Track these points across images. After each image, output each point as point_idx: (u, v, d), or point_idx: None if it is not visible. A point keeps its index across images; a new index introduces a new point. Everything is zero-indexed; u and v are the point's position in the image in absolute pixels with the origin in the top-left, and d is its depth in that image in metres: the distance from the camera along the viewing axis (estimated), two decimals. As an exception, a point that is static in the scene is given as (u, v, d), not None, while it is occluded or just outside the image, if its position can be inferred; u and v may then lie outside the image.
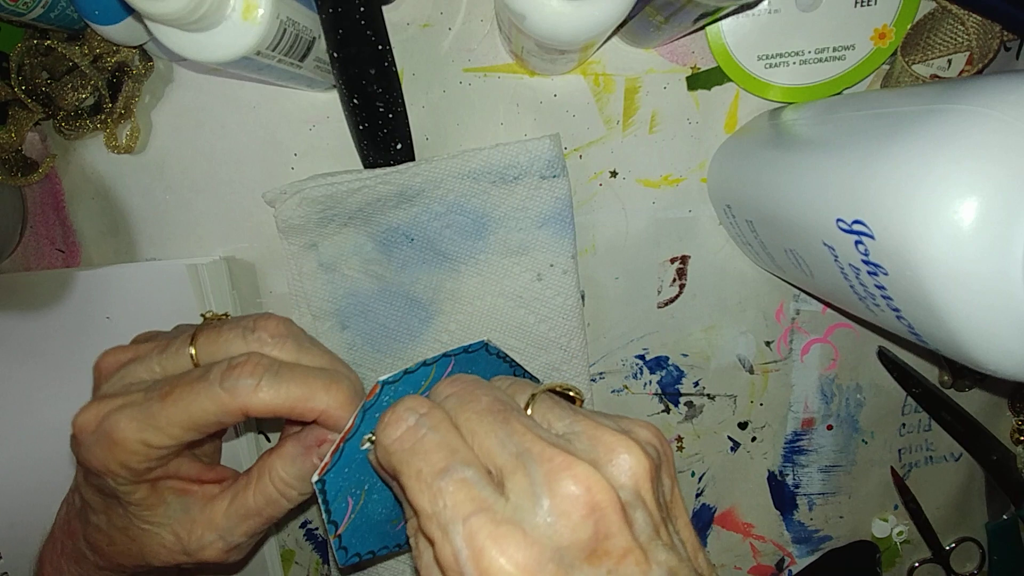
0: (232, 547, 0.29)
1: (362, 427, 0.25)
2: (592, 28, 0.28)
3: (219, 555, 0.29)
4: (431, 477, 0.20)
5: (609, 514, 0.19)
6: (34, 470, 0.43)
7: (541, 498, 0.19)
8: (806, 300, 0.43)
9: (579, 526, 0.19)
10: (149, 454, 0.26)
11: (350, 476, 0.26)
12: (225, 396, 0.25)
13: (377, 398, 0.25)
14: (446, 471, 0.20)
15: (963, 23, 0.36)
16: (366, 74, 0.34)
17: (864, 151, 0.25)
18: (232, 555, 0.30)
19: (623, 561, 0.19)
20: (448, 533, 0.19)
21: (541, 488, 0.19)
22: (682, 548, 0.21)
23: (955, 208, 0.21)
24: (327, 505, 0.25)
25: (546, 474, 0.20)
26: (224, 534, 0.29)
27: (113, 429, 0.26)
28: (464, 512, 0.19)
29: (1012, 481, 0.42)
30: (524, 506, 0.19)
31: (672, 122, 0.40)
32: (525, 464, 0.20)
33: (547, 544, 0.19)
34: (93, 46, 0.38)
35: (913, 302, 0.24)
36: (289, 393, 0.26)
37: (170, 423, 0.26)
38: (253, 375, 0.25)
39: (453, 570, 0.19)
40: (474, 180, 0.38)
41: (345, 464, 0.25)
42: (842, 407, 0.45)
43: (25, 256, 0.43)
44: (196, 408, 0.25)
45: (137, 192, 0.41)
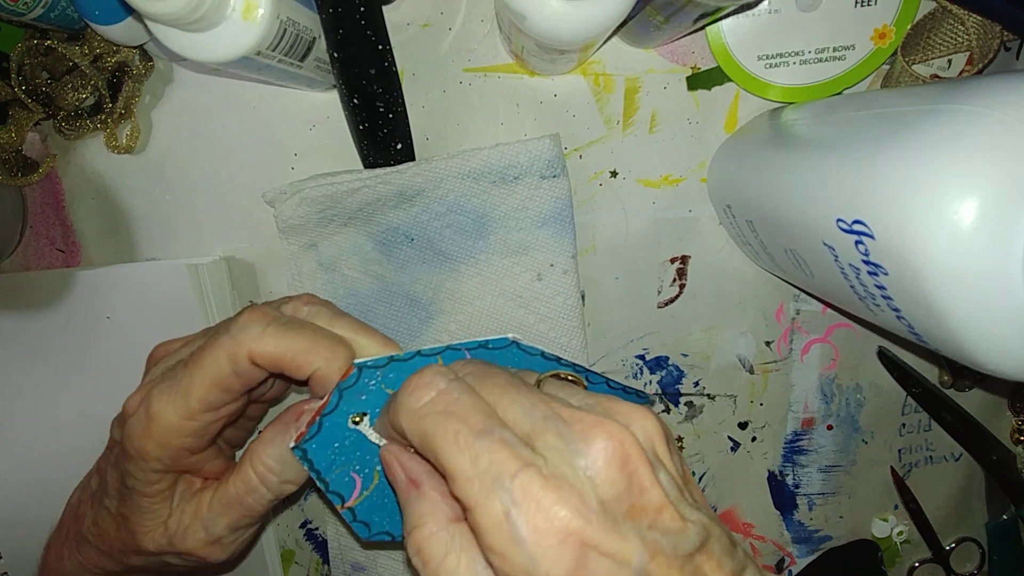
0: (214, 539, 0.29)
1: (341, 405, 0.25)
2: (592, 28, 0.28)
3: (200, 546, 0.29)
4: (471, 437, 0.20)
5: (640, 468, 0.20)
6: (34, 470, 0.43)
7: (577, 455, 0.19)
8: (806, 300, 0.43)
9: (617, 479, 0.19)
10: (183, 428, 0.27)
11: (345, 453, 0.26)
12: (231, 343, 0.26)
13: (357, 379, 0.25)
14: (487, 431, 0.20)
15: (963, 23, 0.36)
16: (366, 74, 0.34)
17: (864, 151, 0.25)
18: (215, 551, 0.29)
19: (660, 516, 0.20)
20: (494, 492, 0.19)
21: (575, 445, 0.20)
22: (707, 510, 0.22)
23: (955, 208, 0.21)
24: (319, 476, 0.26)
25: (577, 432, 0.20)
26: (207, 524, 0.29)
27: (150, 405, 0.27)
28: (511, 469, 0.19)
29: (1012, 481, 0.42)
30: (562, 462, 0.19)
31: (672, 122, 0.40)
32: (555, 425, 0.20)
33: (592, 496, 0.19)
34: (93, 46, 0.38)
35: (913, 302, 0.24)
36: (293, 344, 0.26)
37: (192, 385, 0.26)
38: (260, 323, 0.26)
39: (499, 531, 0.19)
40: (474, 180, 0.38)
41: (332, 439, 0.25)
42: (842, 407, 0.45)
43: (25, 256, 0.43)
44: (210, 362, 0.26)
45: (137, 192, 0.41)
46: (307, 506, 0.45)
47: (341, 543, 0.42)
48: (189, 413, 0.27)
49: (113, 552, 0.31)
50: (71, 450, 0.43)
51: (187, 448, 0.28)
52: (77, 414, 0.42)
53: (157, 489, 0.29)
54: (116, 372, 0.40)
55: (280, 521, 0.45)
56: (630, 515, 0.19)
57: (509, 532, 0.19)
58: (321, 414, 0.25)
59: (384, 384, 0.25)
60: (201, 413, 0.27)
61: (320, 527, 0.45)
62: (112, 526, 0.31)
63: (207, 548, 0.29)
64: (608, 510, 0.19)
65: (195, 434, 0.28)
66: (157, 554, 0.30)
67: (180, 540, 0.29)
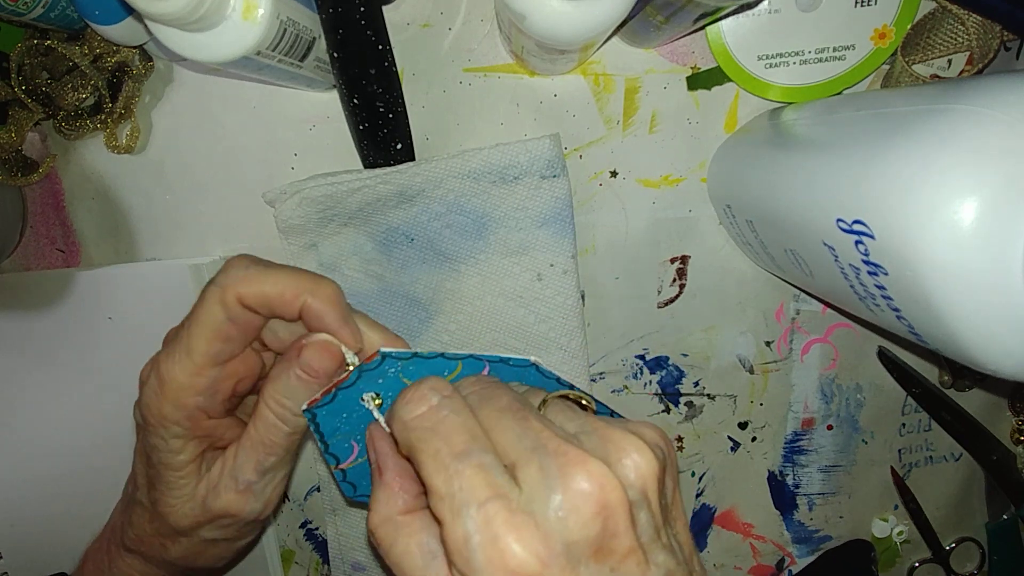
0: (244, 488, 0.29)
1: (359, 384, 0.26)
2: (592, 28, 0.28)
3: (233, 500, 0.29)
4: (449, 458, 0.20)
5: (618, 514, 0.19)
6: (35, 470, 0.43)
7: (554, 492, 0.19)
8: (806, 300, 0.43)
9: (589, 523, 0.19)
10: (193, 384, 0.27)
11: (350, 423, 0.27)
12: (219, 290, 0.27)
13: (379, 365, 0.26)
14: (465, 454, 0.20)
15: (963, 23, 0.36)
16: (366, 74, 0.34)
17: (864, 151, 0.25)
18: (248, 501, 0.29)
19: (625, 561, 0.20)
20: (460, 516, 0.19)
21: (554, 481, 0.19)
22: (679, 551, 0.21)
23: (955, 208, 0.21)
24: (322, 438, 0.27)
25: (559, 468, 0.20)
26: (235, 474, 0.29)
27: (158, 369, 0.28)
28: (480, 497, 0.19)
29: (1012, 481, 0.42)
30: (537, 498, 0.19)
31: (672, 122, 0.40)
32: (539, 458, 0.20)
33: (557, 538, 0.19)
34: (93, 46, 0.38)
35: (913, 302, 0.24)
36: (276, 280, 0.27)
37: (192, 340, 0.27)
38: (241, 265, 0.27)
39: (460, 553, 0.19)
40: (474, 180, 0.38)
41: (342, 410, 0.27)
42: (842, 407, 0.45)
43: (25, 256, 0.43)
44: (205, 314, 0.27)
45: (137, 192, 0.41)
46: (307, 506, 0.45)
47: (341, 543, 0.42)
48: (196, 369, 0.27)
49: (153, 551, 0.31)
50: (72, 450, 0.43)
51: (202, 409, 0.28)
52: (77, 414, 0.42)
53: (182, 460, 0.29)
54: (116, 372, 0.40)
55: (280, 521, 0.45)
56: (596, 557, 0.19)
57: (467, 558, 0.19)
58: (338, 387, 0.26)
59: (403, 374, 0.26)
60: (207, 368, 0.28)
61: (320, 527, 0.45)
62: (146, 519, 0.31)
63: (240, 500, 0.29)
64: (572, 553, 0.19)
65: (206, 391, 0.28)
66: (193, 529, 0.30)
67: (213, 501, 0.29)
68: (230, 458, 0.29)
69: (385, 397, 0.27)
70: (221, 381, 0.28)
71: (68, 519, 0.44)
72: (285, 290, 0.27)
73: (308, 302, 0.27)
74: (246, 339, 0.28)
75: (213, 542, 0.31)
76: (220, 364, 0.28)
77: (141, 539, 0.31)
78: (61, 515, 0.44)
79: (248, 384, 0.30)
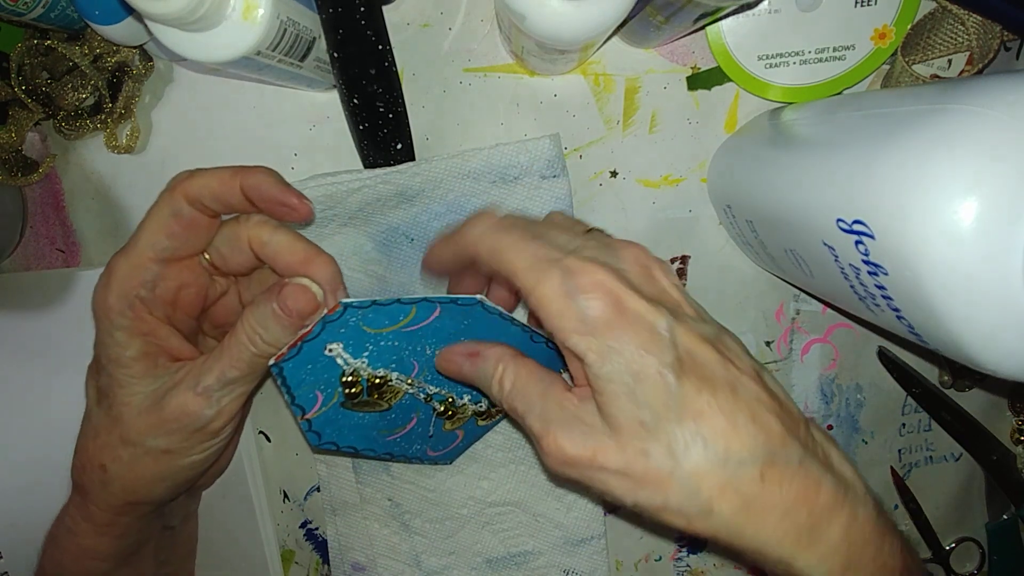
0: (203, 390, 0.29)
1: (322, 335, 0.28)
2: (592, 28, 0.28)
3: (189, 399, 0.29)
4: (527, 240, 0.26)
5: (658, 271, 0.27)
6: (35, 470, 0.43)
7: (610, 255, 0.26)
8: (806, 300, 0.43)
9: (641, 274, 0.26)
10: (135, 274, 0.29)
11: (315, 374, 0.29)
12: (166, 192, 0.29)
13: (341, 315, 0.28)
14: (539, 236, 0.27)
15: (963, 23, 0.36)
16: (366, 74, 0.34)
17: (864, 151, 0.25)
18: (202, 403, 0.29)
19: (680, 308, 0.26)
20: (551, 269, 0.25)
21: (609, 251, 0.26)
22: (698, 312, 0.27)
23: (955, 208, 0.21)
24: (288, 391, 0.29)
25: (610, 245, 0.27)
26: (198, 376, 0.29)
27: (107, 264, 0.30)
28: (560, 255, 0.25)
29: (1012, 481, 0.42)
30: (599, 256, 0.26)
31: (672, 122, 0.40)
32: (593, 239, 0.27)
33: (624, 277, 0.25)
34: (93, 46, 0.38)
35: (913, 302, 0.24)
36: (214, 172, 0.29)
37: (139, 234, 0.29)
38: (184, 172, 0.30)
39: (556, 294, 0.24)
40: (474, 180, 0.38)
41: (307, 361, 0.29)
42: (842, 407, 0.45)
43: (25, 256, 0.43)
44: (152, 213, 0.29)
45: (137, 192, 0.41)
46: (307, 506, 0.45)
47: (341, 543, 0.42)
48: (139, 260, 0.29)
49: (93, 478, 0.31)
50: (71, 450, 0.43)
51: (143, 302, 0.29)
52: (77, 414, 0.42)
53: (130, 356, 0.30)
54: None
55: (280, 521, 0.45)
56: (655, 300, 0.25)
57: (564, 293, 0.24)
58: (303, 340, 0.28)
59: (363, 322, 0.29)
60: (150, 262, 0.29)
61: (320, 527, 0.45)
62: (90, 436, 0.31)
63: (196, 402, 0.29)
64: (637, 288, 0.25)
65: (147, 284, 0.29)
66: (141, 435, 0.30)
67: (169, 399, 0.29)
68: (197, 365, 0.30)
69: (348, 346, 0.29)
70: (163, 279, 0.30)
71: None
72: (223, 176, 0.29)
73: (244, 181, 0.29)
74: (189, 241, 0.30)
75: (155, 455, 0.30)
76: (163, 261, 0.30)
77: (83, 467, 0.32)
78: (61, 515, 0.44)
79: (193, 297, 0.32)
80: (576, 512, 0.42)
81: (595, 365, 0.24)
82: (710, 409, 0.23)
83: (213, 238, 0.31)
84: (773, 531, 0.24)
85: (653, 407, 0.23)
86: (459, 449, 0.40)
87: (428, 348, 0.32)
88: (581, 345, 0.24)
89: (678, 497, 0.23)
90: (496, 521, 0.42)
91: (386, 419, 0.33)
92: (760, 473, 0.23)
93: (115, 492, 0.32)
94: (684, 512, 0.24)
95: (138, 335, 0.30)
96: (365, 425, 0.33)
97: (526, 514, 0.42)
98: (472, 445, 0.41)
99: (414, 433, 0.35)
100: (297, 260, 0.29)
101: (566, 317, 0.24)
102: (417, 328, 0.30)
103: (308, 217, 0.30)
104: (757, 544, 0.24)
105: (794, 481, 0.24)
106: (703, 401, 0.23)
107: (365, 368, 0.30)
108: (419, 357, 0.32)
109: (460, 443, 0.39)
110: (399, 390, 0.32)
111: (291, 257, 0.29)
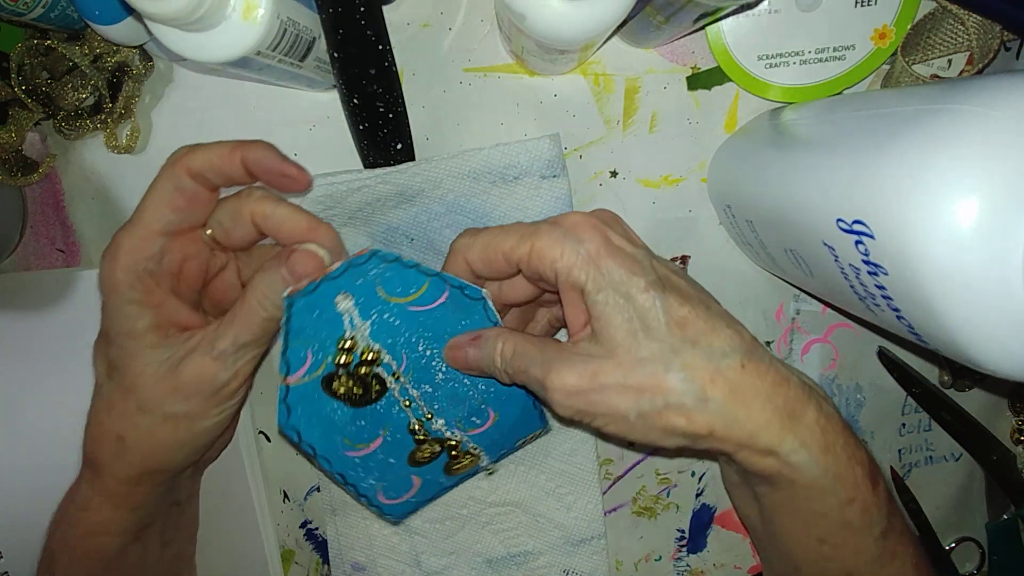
0: (219, 355, 0.30)
1: (340, 280, 0.29)
2: (592, 28, 0.28)
3: (208, 364, 0.30)
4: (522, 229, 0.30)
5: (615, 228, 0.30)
6: (35, 470, 0.43)
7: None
8: (806, 300, 0.43)
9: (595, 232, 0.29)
10: (142, 248, 0.30)
11: (316, 326, 0.30)
12: (167, 166, 0.30)
13: (367, 260, 0.29)
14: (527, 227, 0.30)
15: (963, 23, 0.36)
16: (366, 74, 0.34)
17: (864, 151, 0.25)
18: (220, 368, 0.30)
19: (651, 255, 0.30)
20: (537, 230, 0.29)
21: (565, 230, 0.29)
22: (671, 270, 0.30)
23: (955, 208, 0.21)
24: (287, 334, 0.29)
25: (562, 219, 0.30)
26: (213, 342, 0.30)
27: (113, 240, 0.30)
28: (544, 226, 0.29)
29: (1012, 481, 0.42)
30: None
31: (672, 122, 0.40)
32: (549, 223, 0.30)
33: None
34: (93, 46, 0.38)
35: (913, 302, 0.24)
36: (215, 147, 0.30)
37: (143, 209, 0.30)
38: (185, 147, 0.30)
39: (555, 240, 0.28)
40: (474, 180, 0.38)
41: (315, 307, 0.29)
42: (842, 407, 0.45)
43: (25, 256, 0.43)
44: (155, 187, 0.30)
45: (137, 192, 0.41)
46: (307, 506, 0.45)
47: (341, 543, 0.42)
48: (145, 234, 0.30)
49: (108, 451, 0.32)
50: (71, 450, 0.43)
51: (151, 275, 0.30)
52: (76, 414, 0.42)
53: (141, 327, 0.30)
54: (116, 372, 0.40)
55: (280, 521, 0.45)
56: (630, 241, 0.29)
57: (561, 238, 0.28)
58: (324, 278, 0.29)
59: (379, 282, 0.30)
60: (156, 235, 0.30)
61: (320, 527, 0.45)
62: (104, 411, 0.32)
63: (212, 366, 0.30)
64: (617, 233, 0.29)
65: (154, 257, 0.30)
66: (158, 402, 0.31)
67: (186, 365, 0.30)
68: (209, 331, 0.31)
69: (358, 302, 0.30)
70: (169, 252, 0.31)
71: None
72: (223, 151, 0.30)
73: (245, 155, 0.30)
74: (193, 214, 0.31)
75: (174, 421, 0.31)
76: (168, 235, 0.30)
77: (97, 440, 0.32)
78: (61, 515, 0.44)
79: (196, 270, 0.32)
80: (576, 512, 0.42)
81: (593, 291, 0.27)
82: (692, 316, 0.28)
83: (213, 211, 0.32)
84: (760, 414, 0.27)
85: (644, 319, 0.27)
86: (411, 504, 0.36)
87: (421, 344, 0.32)
88: (581, 276, 0.27)
89: (676, 393, 0.27)
90: (496, 521, 0.42)
91: (356, 423, 0.32)
92: (741, 364, 0.27)
93: (133, 461, 0.32)
94: (684, 407, 0.27)
95: (148, 307, 0.30)
96: (334, 422, 0.32)
97: (526, 514, 0.42)
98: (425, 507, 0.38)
99: (375, 458, 0.34)
100: (301, 229, 0.31)
101: (566, 255, 0.28)
102: (420, 311, 0.31)
103: (307, 186, 0.31)
104: (748, 430, 0.27)
105: (768, 373, 0.28)
106: (685, 311, 0.28)
107: (364, 337, 0.31)
108: (411, 351, 0.32)
109: (414, 496, 0.36)
110: (383, 380, 0.32)
111: (294, 227, 0.31)
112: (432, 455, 0.35)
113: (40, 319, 0.41)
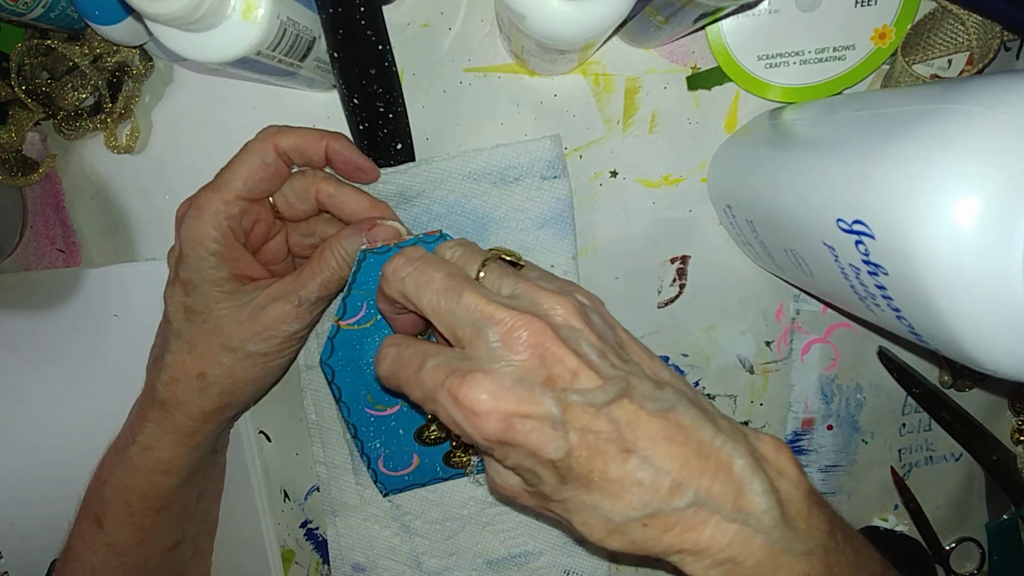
0: (299, 302, 0.34)
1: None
2: (592, 28, 0.28)
3: (290, 311, 0.34)
4: (414, 377, 0.27)
5: (550, 346, 0.25)
6: (36, 470, 0.43)
7: (497, 351, 0.25)
8: (806, 300, 0.43)
9: (529, 360, 0.25)
10: (226, 209, 0.33)
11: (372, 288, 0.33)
12: (257, 142, 0.34)
13: (436, 239, 0.33)
14: (420, 368, 0.27)
15: (963, 23, 0.36)
16: (366, 74, 0.34)
17: (864, 151, 0.25)
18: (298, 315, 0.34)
19: (576, 378, 0.25)
20: (438, 401, 0.26)
21: (496, 345, 0.25)
22: (637, 366, 0.27)
23: (955, 208, 0.21)
24: (352, 284, 0.34)
25: (501, 333, 0.25)
26: (296, 291, 0.34)
27: (197, 200, 0.34)
28: (438, 382, 0.25)
29: (1012, 481, 0.42)
30: (486, 359, 0.25)
31: (672, 122, 0.40)
32: (480, 330, 0.26)
33: (508, 376, 0.25)
34: (93, 46, 0.38)
35: (913, 302, 0.24)
36: (303, 132, 0.34)
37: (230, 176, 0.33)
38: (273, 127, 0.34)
39: (454, 426, 0.26)
40: (474, 181, 0.38)
41: (375, 268, 0.33)
42: (842, 407, 0.45)
43: (25, 256, 0.43)
44: (245, 158, 0.34)
45: (137, 192, 0.41)
46: (307, 506, 0.45)
47: (341, 543, 0.42)
48: (231, 198, 0.33)
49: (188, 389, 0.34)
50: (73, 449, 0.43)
51: (232, 231, 0.33)
52: (76, 414, 0.42)
53: (223, 276, 0.34)
54: (116, 372, 0.40)
55: (280, 521, 0.45)
56: (547, 384, 0.25)
57: (454, 423, 0.25)
58: (397, 244, 0.33)
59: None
60: (239, 199, 0.33)
61: (320, 527, 0.45)
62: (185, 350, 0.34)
63: (293, 312, 0.34)
64: (524, 380, 0.25)
65: (235, 217, 0.33)
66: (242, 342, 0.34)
67: (270, 309, 0.34)
68: (288, 282, 0.34)
69: None
70: (246, 214, 0.34)
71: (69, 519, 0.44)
72: (312, 137, 0.34)
73: (330, 144, 0.34)
74: (270, 185, 0.34)
75: (254, 359, 0.35)
76: (247, 200, 0.34)
77: (176, 379, 0.35)
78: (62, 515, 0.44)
79: (261, 233, 0.36)
80: None
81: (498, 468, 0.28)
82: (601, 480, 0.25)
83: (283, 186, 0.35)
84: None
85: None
86: (404, 481, 0.40)
87: None
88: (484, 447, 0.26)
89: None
90: (496, 522, 0.42)
91: None
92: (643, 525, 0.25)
93: (212, 396, 0.35)
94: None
95: (228, 259, 0.34)
96: (365, 376, 0.36)
97: (526, 514, 0.42)
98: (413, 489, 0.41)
99: (387, 423, 0.37)
100: (363, 207, 0.35)
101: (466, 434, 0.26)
102: None
103: (376, 179, 0.37)
104: None
105: (677, 526, 0.25)
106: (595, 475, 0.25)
107: None
108: None
109: (409, 474, 0.39)
110: None
111: (357, 205, 0.35)
112: (437, 439, 0.38)
113: (40, 319, 0.41)
